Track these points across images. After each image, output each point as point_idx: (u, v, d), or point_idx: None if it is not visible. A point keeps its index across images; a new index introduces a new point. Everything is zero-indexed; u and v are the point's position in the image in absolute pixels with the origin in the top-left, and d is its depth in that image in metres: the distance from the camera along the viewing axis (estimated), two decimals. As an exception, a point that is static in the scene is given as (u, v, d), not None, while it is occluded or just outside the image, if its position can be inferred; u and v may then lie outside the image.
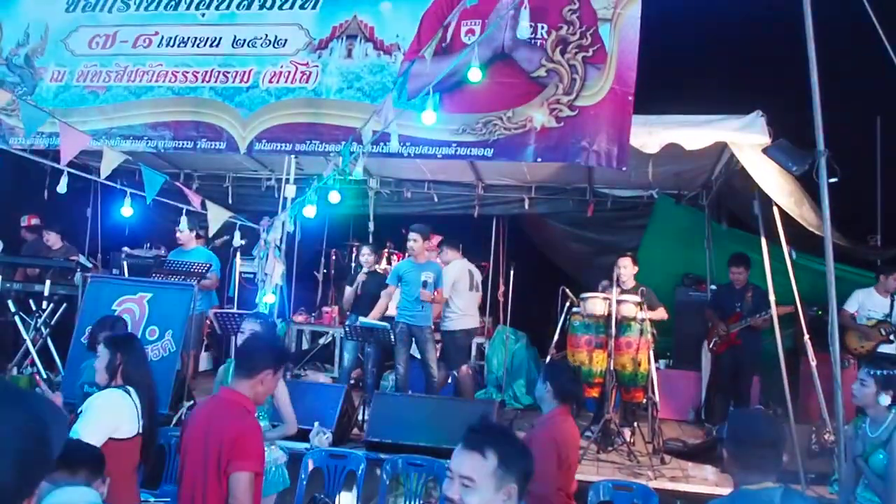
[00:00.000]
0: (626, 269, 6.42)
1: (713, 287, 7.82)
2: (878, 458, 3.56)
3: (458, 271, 7.11)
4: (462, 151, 5.45)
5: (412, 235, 6.94)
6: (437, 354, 7.03)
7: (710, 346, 6.98)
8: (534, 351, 8.31)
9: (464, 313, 7.05)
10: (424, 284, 6.62)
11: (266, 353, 3.17)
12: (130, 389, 3.32)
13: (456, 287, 7.03)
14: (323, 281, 9.85)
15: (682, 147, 5.45)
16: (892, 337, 6.50)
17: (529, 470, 2.01)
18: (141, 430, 3.29)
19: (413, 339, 6.86)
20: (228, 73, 5.94)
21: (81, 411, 3.25)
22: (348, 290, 7.22)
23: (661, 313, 6.55)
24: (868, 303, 6.67)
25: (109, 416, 3.21)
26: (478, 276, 7.47)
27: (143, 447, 3.32)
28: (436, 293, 6.66)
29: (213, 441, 2.90)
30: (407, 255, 7.24)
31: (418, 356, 7.00)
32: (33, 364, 6.95)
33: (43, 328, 7.06)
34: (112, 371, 3.38)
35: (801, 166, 4.48)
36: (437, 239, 7.65)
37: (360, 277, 7.14)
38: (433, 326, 6.99)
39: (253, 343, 3.71)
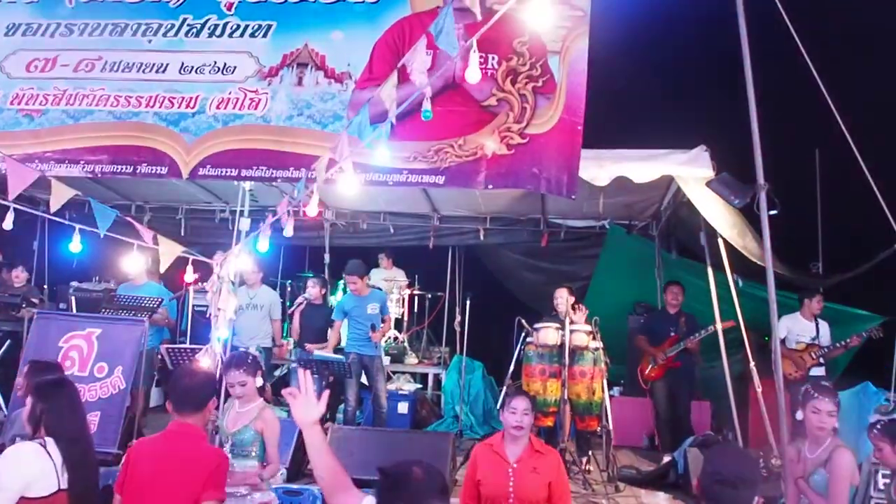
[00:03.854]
0: (562, 298, 6.47)
1: (645, 314, 7.97)
2: (817, 477, 3.74)
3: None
4: (413, 179, 5.44)
5: (349, 279, 7.06)
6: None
7: (647, 372, 7.08)
8: (490, 380, 8.32)
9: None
10: (372, 328, 6.76)
11: (209, 387, 3.41)
12: (48, 441, 3.08)
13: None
14: (278, 313, 9.75)
15: (630, 180, 5.59)
16: (821, 360, 6.73)
17: None
18: (65, 485, 3.03)
19: (364, 370, 6.92)
20: (174, 98, 5.81)
21: None
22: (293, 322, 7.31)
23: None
24: (795, 328, 6.88)
25: (13, 474, 2.97)
26: None
27: (73, 501, 3.05)
28: (383, 323, 7.05)
29: (186, 472, 3.00)
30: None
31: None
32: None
33: (-15, 366, 6.85)
34: (34, 421, 3.16)
35: (742, 199, 4.63)
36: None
37: (298, 303, 7.24)
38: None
39: (194, 379, 3.45)
